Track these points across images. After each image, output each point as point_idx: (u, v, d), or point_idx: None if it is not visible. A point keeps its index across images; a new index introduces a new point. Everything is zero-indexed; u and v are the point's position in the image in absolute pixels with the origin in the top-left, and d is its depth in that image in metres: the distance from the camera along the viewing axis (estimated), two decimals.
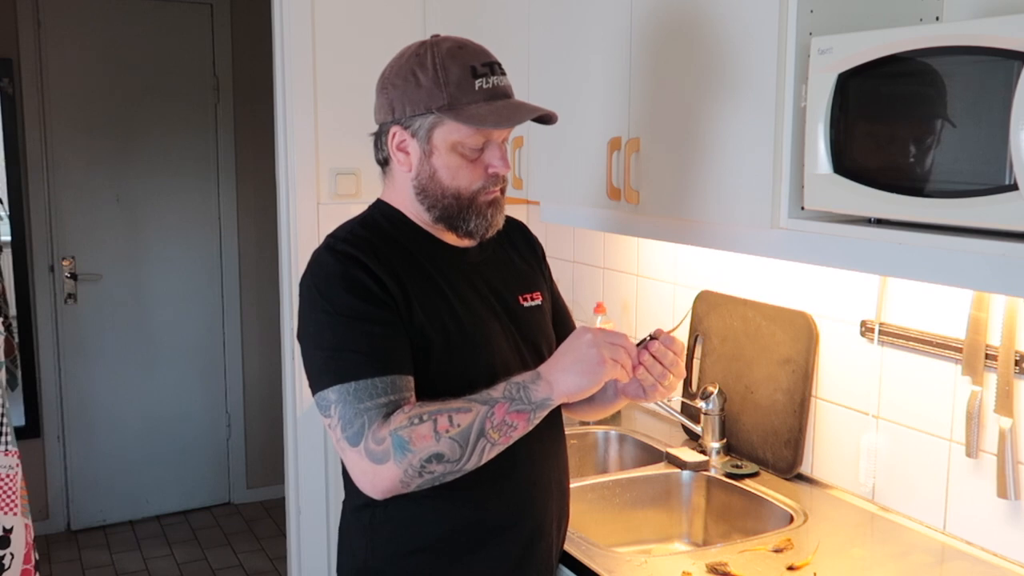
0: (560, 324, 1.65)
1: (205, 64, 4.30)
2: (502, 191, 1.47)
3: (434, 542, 1.43)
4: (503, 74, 1.43)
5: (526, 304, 1.54)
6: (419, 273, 1.42)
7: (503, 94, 1.41)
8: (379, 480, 1.30)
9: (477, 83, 1.37)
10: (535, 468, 1.49)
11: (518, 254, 1.61)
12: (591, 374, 1.30)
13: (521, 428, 1.31)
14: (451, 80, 1.37)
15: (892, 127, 1.30)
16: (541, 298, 1.58)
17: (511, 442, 1.32)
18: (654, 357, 1.40)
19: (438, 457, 1.27)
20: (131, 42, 4.14)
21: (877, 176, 1.31)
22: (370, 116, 1.49)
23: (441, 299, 1.42)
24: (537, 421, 1.32)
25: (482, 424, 1.28)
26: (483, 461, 1.31)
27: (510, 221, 1.63)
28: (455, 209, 1.42)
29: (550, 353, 1.53)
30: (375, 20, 2.81)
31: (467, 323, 1.43)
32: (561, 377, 1.31)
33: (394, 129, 1.42)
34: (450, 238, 1.48)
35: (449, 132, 1.38)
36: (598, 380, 1.30)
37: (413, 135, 1.40)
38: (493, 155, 1.41)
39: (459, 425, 1.28)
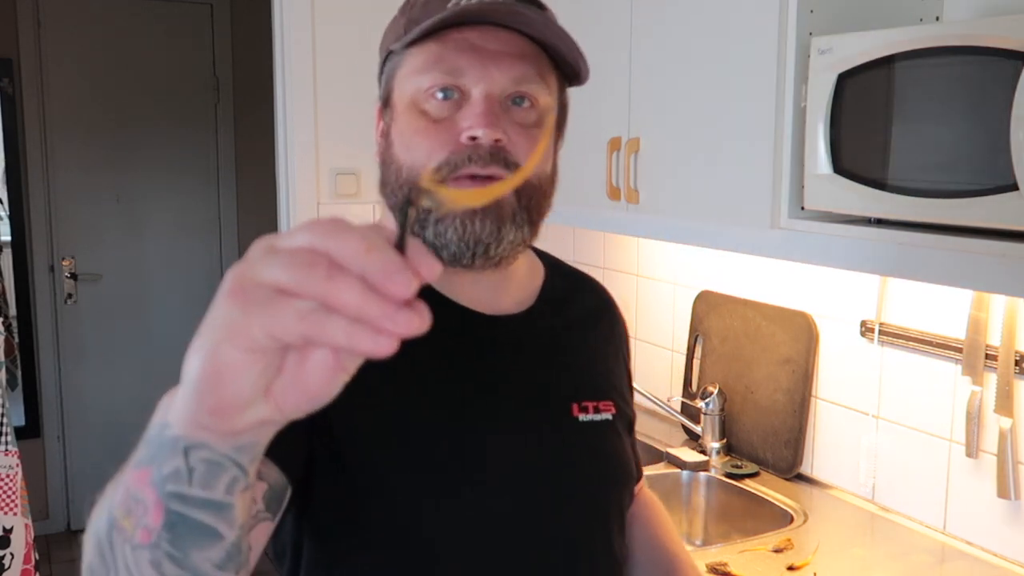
0: None
1: (205, 64, 4.30)
2: (524, 195, 0.88)
3: None
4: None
5: (583, 418, 0.97)
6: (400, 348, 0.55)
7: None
8: None
9: (452, 1, 0.87)
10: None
11: (595, 334, 1.07)
12: (205, 330, 0.50)
13: (152, 502, 0.57)
14: (417, 3, 0.92)
15: (892, 127, 1.30)
16: (614, 410, 1.01)
17: (158, 540, 0.57)
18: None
19: (90, 570, 0.62)
20: (131, 42, 4.13)
21: (877, 176, 1.31)
22: (370, 116, 1.45)
23: (403, 395, 0.88)
24: (172, 486, 0.56)
25: (111, 506, 0.61)
26: None
27: (589, 285, 1.11)
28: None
29: (612, 507, 0.99)
30: (375, 20, 2.80)
31: (445, 440, 0.88)
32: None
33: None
34: (464, 294, 0.94)
35: (405, 75, 0.91)
36: (213, 340, 0.49)
37: (382, 105, 0.96)
38: (470, 110, 0.87)
39: (99, 511, 0.63)
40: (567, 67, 0.92)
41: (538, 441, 0.92)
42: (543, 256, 1.07)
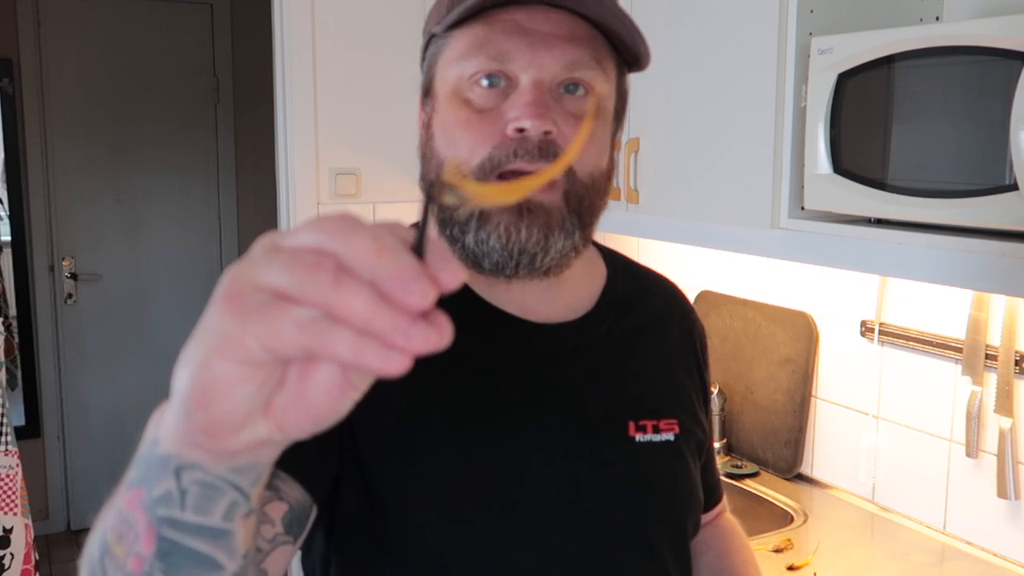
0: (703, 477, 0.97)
1: (205, 64, 4.30)
2: (573, 197, 0.81)
3: None
4: None
5: (640, 438, 0.87)
6: (431, 362, 0.47)
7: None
8: None
9: None
10: None
11: (663, 342, 0.97)
12: (196, 339, 0.45)
13: (143, 527, 0.50)
14: None
15: (892, 127, 1.30)
16: (678, 429, 0.91)
17: (150, 570, 0.51)
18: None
19: None
20: (131, 42, 4.13)
21: (877, 176, 1.31)
22: (370, 116, 1.46)
23: (432, 409, 0.81)
24: (163, 510, 0.50)
25: (104, 531, 0.54)
26: None
27: (659, 287, 1.03)
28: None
29: (668, 538, 0.89)
30: (375, 20, 2.80)
31: (474, 460, 0.81)
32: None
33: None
34: (511, 299, 0.86)
35: (447, 60, 0.82)
36: (204, 351, 0.43)
37: (423, 93, 0.88)
38: (517, 99, 0.78)
39: (94, 533, 0.56)
40: (626, 51, 0.83)
41: (584, 463, 0.83)
42: (607, 255, 0.99)
